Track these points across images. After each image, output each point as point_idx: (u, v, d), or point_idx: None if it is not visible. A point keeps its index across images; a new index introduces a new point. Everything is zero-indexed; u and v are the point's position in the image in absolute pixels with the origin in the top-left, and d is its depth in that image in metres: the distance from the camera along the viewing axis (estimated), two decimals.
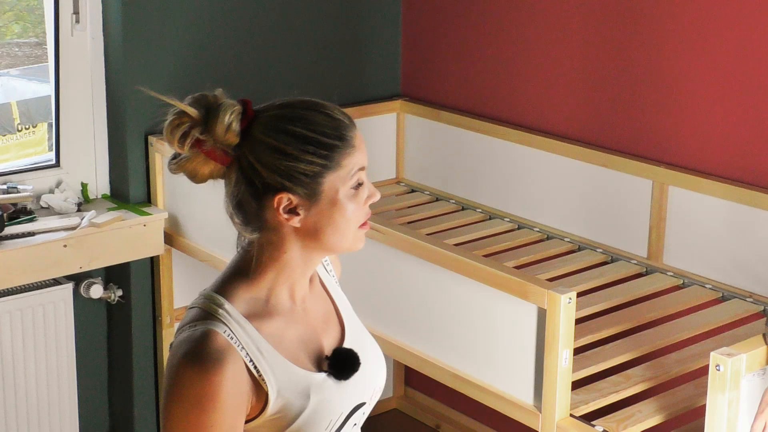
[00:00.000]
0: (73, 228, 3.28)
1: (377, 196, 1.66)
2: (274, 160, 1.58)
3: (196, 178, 1.62)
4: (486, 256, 3.12)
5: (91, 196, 3.52)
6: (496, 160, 3.63)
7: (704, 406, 2.15)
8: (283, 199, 1.59)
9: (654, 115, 3.26)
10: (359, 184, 1.63)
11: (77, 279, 3.48)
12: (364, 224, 1.66)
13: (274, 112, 1.61)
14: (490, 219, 3.60)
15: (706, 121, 3.14)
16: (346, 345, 1.73)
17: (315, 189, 1.59)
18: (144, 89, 1.78)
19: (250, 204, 1.61)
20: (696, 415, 2.40)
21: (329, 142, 1.59)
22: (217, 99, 1.60)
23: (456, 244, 3.23)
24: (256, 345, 1.58)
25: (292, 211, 1.60)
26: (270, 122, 1.60)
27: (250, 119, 1.60)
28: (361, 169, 1.62)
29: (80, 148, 3.51)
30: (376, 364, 1.77)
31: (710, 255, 3.10)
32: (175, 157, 1.63)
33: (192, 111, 1.58)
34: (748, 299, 2.98)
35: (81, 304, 3.53)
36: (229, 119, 1.57)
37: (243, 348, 1.57)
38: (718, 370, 2.09)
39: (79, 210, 3.39)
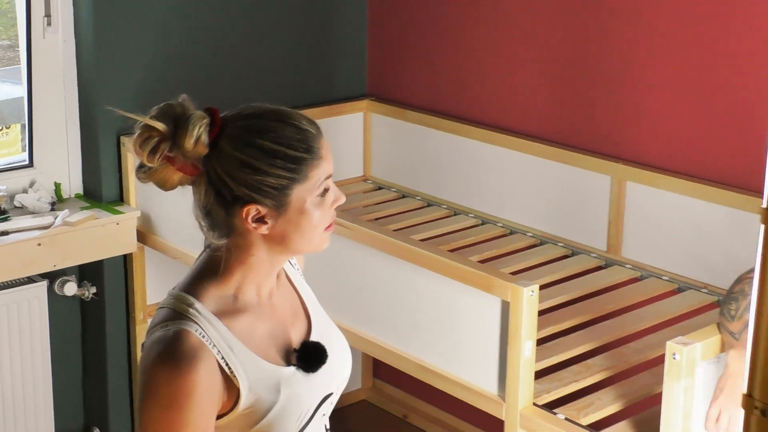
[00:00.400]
0: (47, 227, 3.26)
1: (342, 200, 1.66)
2: (243, 175, 1.57)
3: (165, 186, 1.60)
4: (451, 251, 3.13)
5: (65, 195, 3.50)
6: (460, 157, 3.65)
7: (661, 393, 2.18)
8: (252, 210, 1.58)
9: (613, 113, 3.28)
10: (325, 191, 1.62)
11: (51, 277, 3.46)
12: (329, 226, 1.66)
13: (243, 123, 1.60)
14: (454, 215, 3.61)
15: (663, 120, 3.16)
16: (313, 338, 1.73)
17: (283, 200, 1.58)
18: (113, 109, 1.74)
19: (219, 212, 1.60)
20: (653, 402, 2.42)
21: (297, 155, 1.58)
22: (184, 110, 1.57)
23: (422, 240, 3.23)
24: (227, 342, 1.58)
25: (260, 220, 1.59)
26: (239, 135, 1.58)
27: (218, 129, 1.58)
28: (328, 177, 1.62)
29: (53, 149, 3.49)
30: (343, 355, 1.78)
31: (667, 248, 3.13)
32: (142, 165, 1.59)
33: (160, 126, 1.55)
34: (703, 290, 3.01)
35: (55, 301, 3.52)
36: (198, 132, 1.55)
37: (215, 346, 1.57)
38: (675, 358, 2.11)
39: (52, 209, 3.37)
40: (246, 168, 1.57)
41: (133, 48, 3.43)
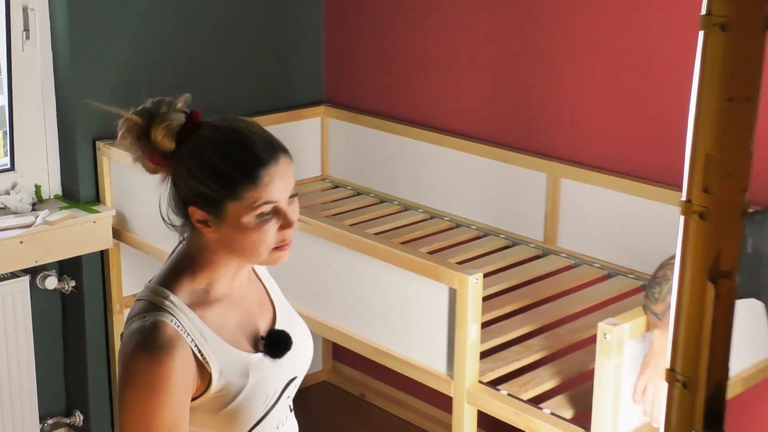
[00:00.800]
0: (29, 226, 3.24)
1: (288, 228, 1.61)
2: (186, 178, 1.59)
3: (146, 169, 1.64)
4: (402, 243, 3.15)
5: (44, 196, 3.48)
6: (409, 158, 3.66)
7: (594, 369, 2.20)
8: (195, 212, 1.60)
9: (548, 116, 3.31)
10: (265, 216, 1.58)
11: (33, 272, 3.44)
12: (279, 248, 1.62)
13: (207, 134, 1.60)
14: (405, 210, 3.62)
15: (593, 121, 3.19)
16: (278, 326, 1.74)
17: (218, 211, 1.58)
18: (93, 102, 1.78)
19: (177, 206, 1.63)
20: (587, 377, 2.44)
21: (233, 175, 1.56)
22: (169, 111, 1.60)
23: (375, 233, 3.25)
24: (200, 332, 1.59)
25: (204, 223, 1.60)
26: (197, 143, 1.59)
27: (190, 131, 1.59)
28: (269, 202, 1.58)
29: (33, 153, 3.46)
30: (305, 341, 1.79)
31: (598, 238, 3.16)
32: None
33: (136, 117, 1.60)
34: (630, 276, 3.04)
35: (37, 294, 3.49)
36: (165, 130, 1.58)
37: (189, 335, 1.57)
38: (605, 338, 2.14)
39: (33, 209, 3.35)
40: (188, 173, 1.59)
41: (106, 59, 3.41)
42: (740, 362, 2.53)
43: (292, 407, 1.79)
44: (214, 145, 1.59)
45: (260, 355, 1.67)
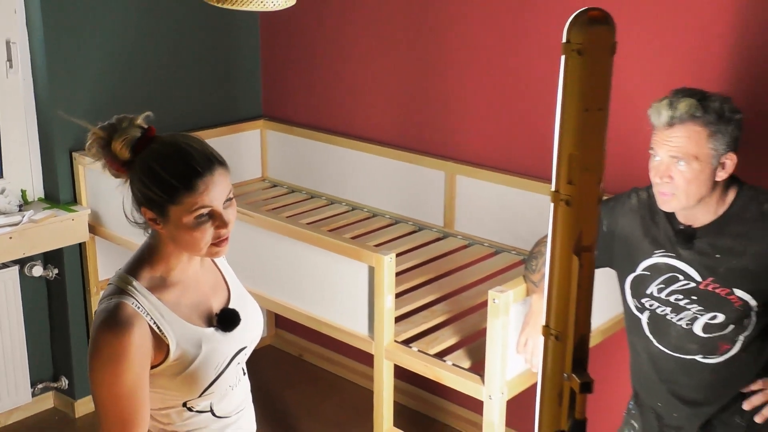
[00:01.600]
0: (16, 224, 3.19)
1: (223, 228, 1.59)
2: (138, 183, 1.59)
3: (112, 175, 1.63)
4: (329, 230, 3.14)
5: (29, 199, 3.41)
6: (333, 161, 3.65)
7: (486, 328, 2.23)
8: (146, 212, 1.60)
9: (443, 125, 3.33)
10: (201, 218, 1.56)
11: (22, 262, 3.38)
12: (216, 243, 1.60)
13: (156, 147, 1.59)
14: (331, 204, 3.62)
15: (480, 128, 3.22)
16: (231, 305, 1.72)
17: (162, 213, 1.57)
18: (65, 115, 1.80)
19: (135, 207, 1.63)
20: (481, 334, 2.47)
21: (174, 183, 1.55)
22: (129, 126, 1.59)
23: (307, 223, 3.24)
24: (158, 310, 1.58)
25: (154, 221, 1.60)
26: (147, 155, 1.58)
27: (145, 144, 1.58)
28: (204, 207, 1.56)
29: (19, 163, 3.39)
30: (255, 317, 1.78)
31: (486, 223, 3.19)
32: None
33: (100, 131, 1.60)
34: (512, 252, 3.07)
35: (26, 281, 3.43)
36: (123, 142, 1.57)
37: (147, 314, 1.57)
38: (495, 302, 2.17)
39: (20, 210, 3.29)
40: (140, 179, 1.58)
41: (78, 83, 3.36)
42: (599, 318, 2.59)
43: (245, 370, 1.78)
44: (160, 157, 1.57)
45: (212, 329, 1.66)
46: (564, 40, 1.16)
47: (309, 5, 3.61)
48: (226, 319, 1.68)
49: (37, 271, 3.42)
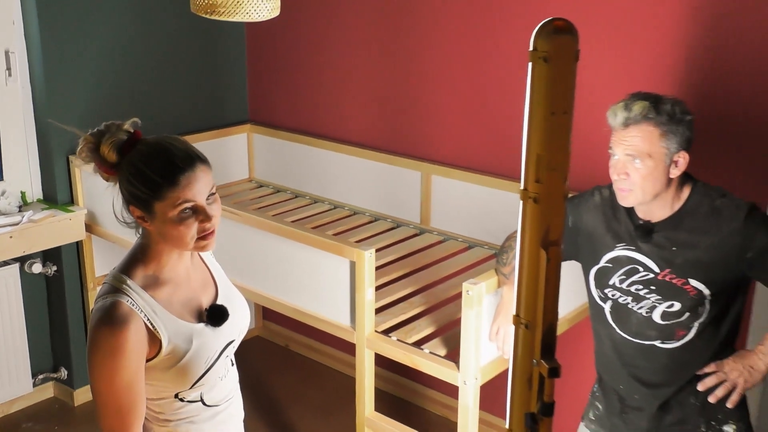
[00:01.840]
0: (17, 224, 3.17)
1: (208, 222, 1.58)
2: (125, 183, 1.58)
3: (102, 178, 1.62)
4: (313, 227, 3.15)
5: (29, 200, 3.38)
6: (317, 162, 3.65)
7: (460, 318, 2.23)
8: (134, 210, 1.59)
9: (421, 128, 3.33)
10: (185, 212, 1.55)
11: (22, 260, 3.35)
12: (202, 237, 1.59)
13: (141, 148, 1.58)
14: (314, 203, 3.61)
15: (454, 132, 3.23)
16: (219, 301, 1.72)
17: (148, 209, 1.57)
18: (56, 123, 1.79)
19: (124, 206, 1.61)
20: (456, 324, 2.47)
21: (157, 180, 1.54)
22: (116, 130, 1.58)
23: (292, 221, 3.24)
24: (151, 308, 1.57)
25: (142, 218, 1.59)
26: (133, 156, 1.57)
27: (130, 147, 1.58)
28: (187, 201, 1.55)
29: (18, 166, 3.36)
30: (242, 311, 1.77)
31: (460, 220, 3.20)
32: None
33: (89, 136, 1.59)
34: (485, 247, 3.09)
35: (26, 278, 3.40)
36: (110, 146, 1.56)
37: (141, 311, 1.56)
38: (468, 294, 2.17)
39: (20, 211, 3.27)
40: (126, 179, 1.57)
41: (74, 90, 3.33)
42: (566, 308, 2.60)
43: (233, 361, 1.78)
44: (144, 157, 1.57)
45: (202, 325, 1.65)
46: (531, 48, 1.17)
47: (292, 17, 3.61)
48: (215, 315, 1.67)
49: (37, 268, 3.40)
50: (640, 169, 1.89)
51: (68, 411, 3.53)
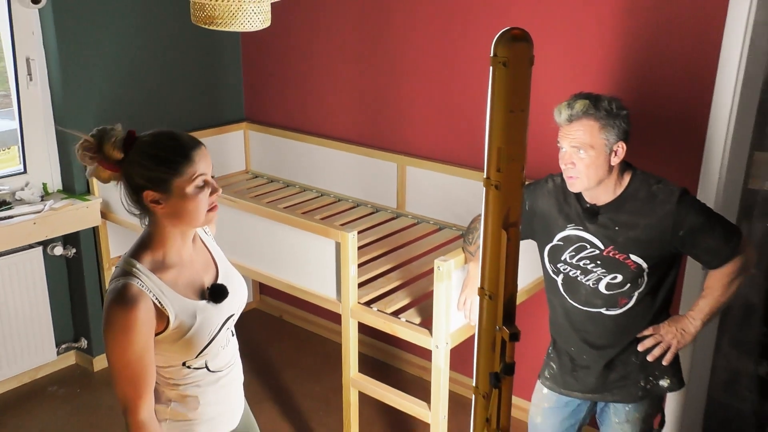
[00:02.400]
0: (39, 212, 3.14)
1: (219, 191, 1.60)
2: (139, 170, 1.54)
3: (101, 179, 1.58)
4: (303, 213, 3.13)
5: (50, 190, 3.34)
6: (305, 155, 3.63)
7: (433, 291, 2.24)
8: (149, 195, 1.55)
9: (396, 125, 3.32)
10: (200, 185, 1.56)
11: (45, 244, 3.32)
12: (211, 209, 1.60)
13: (146, 139, 1.56)
14: (303, 191, 3.60)
15: (426, 128, 3.23)
16: (219, 281, 1.71)
17: (166, 188, 1.54)
18: (64, 129, 1.74)
19: (133, 197, 1.58)
20: (428, 296, 2.49)
21: (173, 158, 1.53)
22: (112, 132, 1.55)
23: (284, 207, 3.23)
24: (159, 288, 1.56)
25: (156, 202, 1.56)
26: (140, 147, 1.55)
27: (131, 143, 1.55)
28: (201, 174, 1.55)
29: (40, 160, 3.32)
30: (240, 288, 1.76)
31: (431, 205, 3.20)
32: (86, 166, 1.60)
33: (90, 138, 1.55)
34: (453, 228, 3.09)
35: (49, 259, 3.37)
36: (113, 144, 1.54)
37: (150, 291, 1.55)
38: (439, 269, 2.18)
39: (42, 200, 3.23)
40: (141, 167, 1.54)
41: (88, 94, 3.29)
42: (523, 281, 2.62)
43: (234, 332, 1.77)
44: (152, 145, 1.55)
45: (205, 302, 1.64)
46: (492, 54, 1.17)
47: (282, 27, 3.58)
48: (216, 293, 1.66)
49: (58, 251, 3.37)
50: (584, 158, 1.91)
51: (88, 376, 3.52)
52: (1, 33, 3.18)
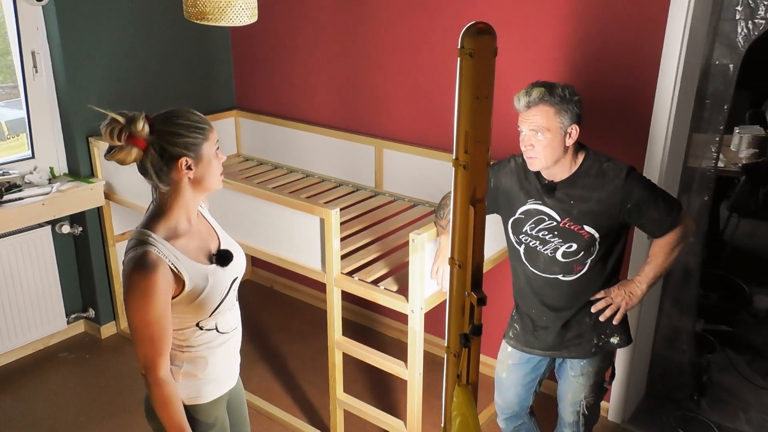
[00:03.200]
0: (47, 194, 3.09)
1: (225, 157, 1.65)
2: (176, 138, 1.54)
3: (123, 162, 1.55)
4: (290, 192, 3.12)
5: (57, 174, 3.28)
6: (292, 140, 3.60)
7: (408, 261, 2.25)
8: (183, 161, 1.55)
9: (374, 112, 3.30)
10: (217, 149, 1.61)
11: (53, 223, 3.28)
12: (221, 173, 1.64)
13: (163, 116, 1.57)
14: (290, 173, 3.57)
15: (401, 114, 3.21)
16: (223, 247, 1.71)
17: (199, 153, 1.56)
18: (94, 107, 1.73)
19: (162, 169, 1.56)
20: (405, 266, 2.50)
21: (200, 125, 1.57)
22: (133, 114, 1.54)
23: (273, 187, 3.21)
24: (173, 255, 1.55)
25: (189, 167, 1.56)
26: (164, 120, 1.55)
27: (151, 122, 1.55)
28: (218, 140, 1.61)
29: (47, 147, 3.26)
30: (240, 254, 1.77)
31: (406, 184, 3.19)
32: (109, 150, 1.56)
33: (121, 118, 1.53)
34: (426, 205, 3.10)
35: (57, 237, 3.33)
36: (142, 121, 1.53)
37: (166, 257, 1.54)
38: (414, 242, 2.18)
39: (49, 183, 3.18)
40: (175, 135, 1.54)
41: (89, 84, 3.22)
42: (489, 251, 2.63)
43: (237, 298, 1.77)
44: (177, 117, 1.57)
45: (213, 266, 1.65)
46: (459, 46, 1.16)
47: (268, 22, 3.53)
48: (223, 257, 1.67)
49: (66, 229, 3.33)
50: (542, 140, 1.92)
51: (96, 343, 3.49)
52: (8, 28, 3.11)
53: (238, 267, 1.73)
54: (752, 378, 3.17)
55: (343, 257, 2.56)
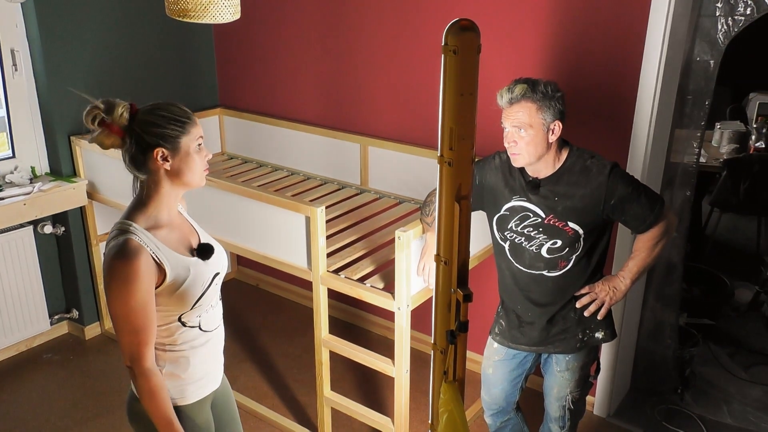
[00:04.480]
0: (29, 193, 3.05)
1: (210, 155, 1.64)
2: (153, 128, 1.54)
3: (103, 146, 1.57)
4: (275, 190, 3.11)
5: (38, 173, 3.25)
6: (276, 138, 3.58)
7: (394, 258, 2.25)
8: (159, 152, 1.55)
9: (359, 109, 3.30)
10: (200, 145, 1.60)
11: (35, 223, 3.25)
12: (206, 170, 1.63)
13: (148, 107, 1.58)
14: (275, 171, 3.56)
15: (386, 111, 3.21)
16: (202, 241, 1.71)
17: (176, 145, 1.55)
18: (74, 90, 1.75)
19: (139, 157, 1.57)
20: (391, 263, 2.50)
21: (181, 119, 1.56)
22: (115, 101, 1.56)
23: (258, 185, 3.20)
24: (155, 244, 1.55)
25: (165, 159, 1.56)
26: (147, 110, 1.56)
27: (134, 112, 1.56)
28: (201, 136, 1.60)
29: (28, 146, 3.22)
30: (221, 251, 1.76)
31: (391, 181, 3.19)
32: (89, 131, 1.58)
33: (100, 104, 1.55)
34: (411, 202, 3.10)
35: (39, 237, 3.30)
36: (122, 109, 1.54)
37: (147, 246, 1.53)
38: (400, 239, 2.18)
39: (31, 182, 3.14)
40: (154, 126, 1.54)
41: (70, 83, 3.18)
42: (475, 248, 2.64)
43: (220, 296, 1.76)
44: (160, 108, 1.58)
45: (195, 258, 1.64)
46: (443, 43, 1.16)
47: (251, 19, 3.52)
48: (204, 250, 1.67)
49: (48, 229, 3.29)
50: (525, 137, 1.92)
51: (80, 343, 3.46)
52: None
53: (220, 262, 1.72)
54: (734, 371, 3.21)
55: (329, 255, 2.56)
